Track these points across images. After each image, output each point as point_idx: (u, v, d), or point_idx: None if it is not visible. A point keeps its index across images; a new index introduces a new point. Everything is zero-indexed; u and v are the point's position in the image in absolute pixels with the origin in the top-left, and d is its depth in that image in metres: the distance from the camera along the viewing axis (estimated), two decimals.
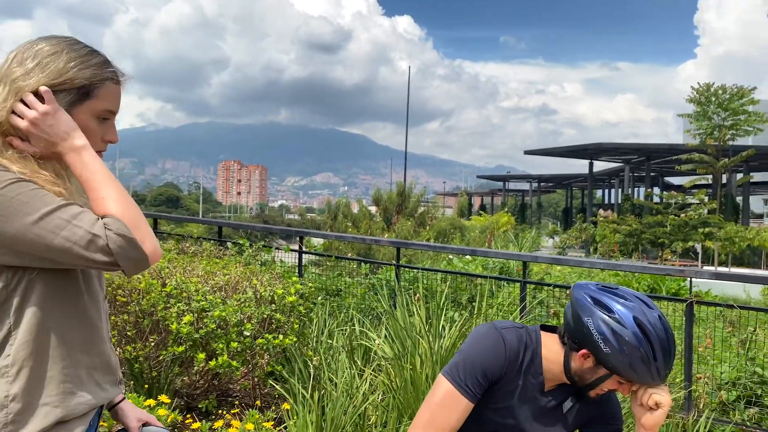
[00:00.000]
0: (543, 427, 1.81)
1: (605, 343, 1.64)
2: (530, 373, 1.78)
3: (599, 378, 1.70)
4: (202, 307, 3.56)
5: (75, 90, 1.29)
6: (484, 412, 1.78)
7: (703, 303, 4.41)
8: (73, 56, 1.30)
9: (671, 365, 1.68)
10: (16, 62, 1.29)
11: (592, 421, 1.86)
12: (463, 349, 1.78)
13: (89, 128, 1.32)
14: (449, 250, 5.79)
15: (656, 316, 1.65)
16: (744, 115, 27.46)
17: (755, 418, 4.05)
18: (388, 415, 3.61)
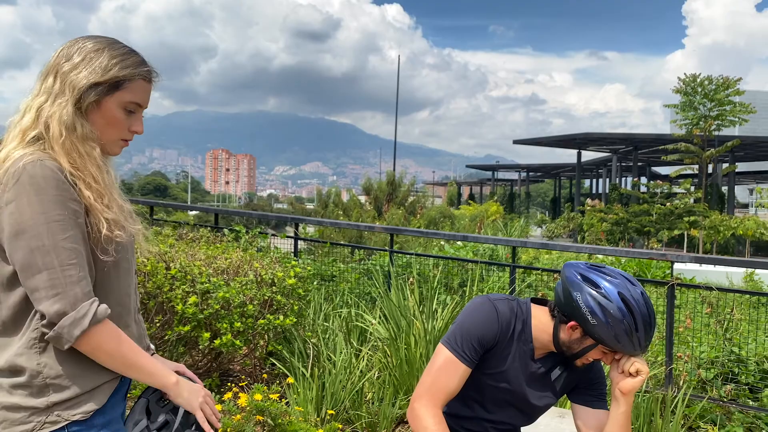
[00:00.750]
0: (533, 391, 1.99)
1: (592, 315, 1.80)
2: (521, 340, 1.94)
3: (585, 348, 1.86)
4: (206, 289, 3.71)
5: (109, 83, 1.43)
6: (480, 377, 1.95)
7: (684, 285, 4.62)
8: (113, 54, 1.44)
9: (651, 337, 1.84)
10: (63, 57, 1.42)
11: (578, 386, 2.03)
12: (459, 319, 1.94)
13: (116, 118, 1.45)
14: (441, 236, 5.96)
15: (639, 292, 1.82)
16: (729, 106, 27.78)
17: (731, 394, 4.26)
18: (384, 391, 3.78)
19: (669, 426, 3.53)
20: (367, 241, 12.32)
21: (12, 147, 1.37)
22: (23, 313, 1.36)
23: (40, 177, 1.30)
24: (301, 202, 47.06)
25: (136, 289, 1.57)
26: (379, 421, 3.61)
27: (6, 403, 1.34)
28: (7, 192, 1.31)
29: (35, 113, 1.39)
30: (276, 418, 2.82)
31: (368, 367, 4.04)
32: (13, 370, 1.35)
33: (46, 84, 1.41)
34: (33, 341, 1.35)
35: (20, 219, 1.29)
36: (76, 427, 1.34)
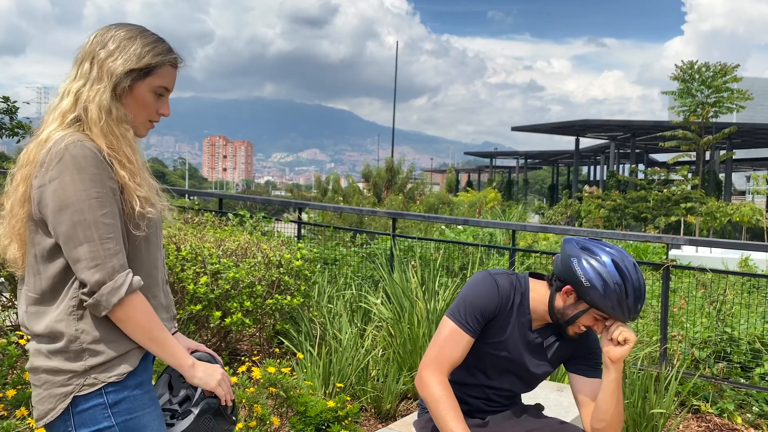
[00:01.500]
0: (531, 360, 2.12)
1: (587, 279, 1.93)
2: (520, 312, 2.08)
3: (578, 313, 1.98)
4: (217, 270, 3.83)
5: (142, 69, 1.53)
6: (481, 347, 2.08)
7: (679, 267, 4.75)
8: (145, 42, 1.54)
9: (639, 306, 1.95)
10: (98, 44, 1.53)
11: (573, 356, 2.16)
12: (462, 293, 2.08)
13: (146, 101, 1.56)
14: (443, 220, 6.08)
15: (631, 263, 1.95)
16: (727, 93, 27.83)
17: (723, 372, 4.41)
18: (388, 368, 3.92)
19: (662, 401, 3.67)
20: (367, 226, 12.44)
21: (53, 129, 1.47)
22: (61, 284, 1.46)
23: (81, 157, 1.41)
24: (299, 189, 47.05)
25: (164, 262, 1.68)
26: (383, 396, 3.74)
27: (46, 366, 1.46)
28: (51, 170, 1.41)
29: (74, 97, 1.49)
30: (288, 391, 2.95)
31: (372, 345, 4.18)
32: (52, 336, 1.46)
33: (82, 69, 1.51)
34: (72, 309, 1.45)
35: (63, 195, 1.40)
36: (112, 388, 1.45)
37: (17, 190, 1.49)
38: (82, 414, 1.44)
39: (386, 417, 3.76)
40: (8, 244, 1.55)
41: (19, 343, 3.31)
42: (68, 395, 1.43)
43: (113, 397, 1.45)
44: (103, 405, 1.44)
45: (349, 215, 11.69)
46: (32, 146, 1.49)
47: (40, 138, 1.48)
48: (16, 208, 1.50)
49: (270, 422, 2.80)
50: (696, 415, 4.23)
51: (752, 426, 4.12)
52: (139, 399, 1.48)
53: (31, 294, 1.50)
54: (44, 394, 1.46)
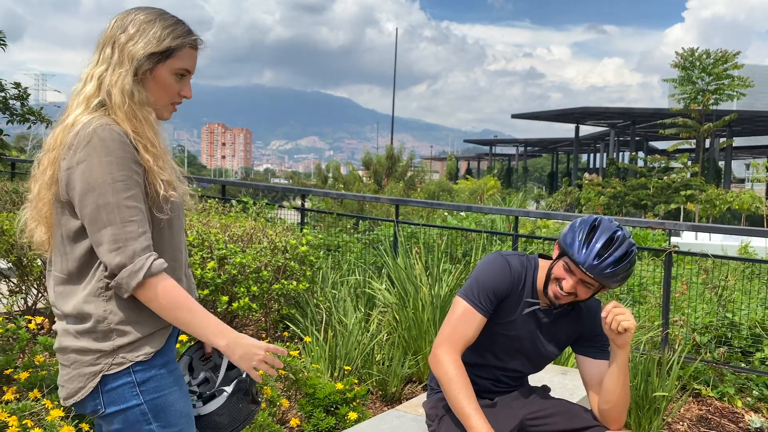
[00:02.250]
0: (539, 340, 2.16)
1: (569, 226, 2.02)
2: (529, 290, 2.12)
3: (554, 261, 2.04)
4: (224, 255, 3.86)
5: (163, 52, 1.54)
6: (492, 327, 2.12)
7: (681, 252, 4.78)
8: (165, 24, 1.55)
9: (611, 264, 1.90)
10: (118, 28, 1.54)
11: (581, 338, 2.19)
12: (475, 273, 2.11)
13: (168, 83, 1.57)
14: (446, 206, 6.11)
15: (616, 225, 1.99)
16: (727, 80, 27.79)
17: (724, 356, 4.46)
18: (393, 352, 3.96)
19: (665, 385, 3.72)
20: (368, 213, 12.46)
21: (78, 113, 1.49)
22: (87, 265, 1.49)
23: (109, 140, 1.43)
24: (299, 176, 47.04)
25: (186, 246, 1.70)
26: (389, 379, 3.79)
27: (75, 346, 1.48)
28: (79, 152, 1.43)
29: (97, 82, 1.51)
30: (297, 373, 2.99)
31: (377, 330, 4.22)
32: (80, 317, 1.48)
33: (104, 54, 1.53)
34: (100, 290, 1.48)
35: (90, 178, 1.42)
36: (140, 367, 1.48)
37: (45, 174, 1.51)
38: (111, 392, 1.47)
39: (391, 400, 3.80)
40: (35, 227, 1.57)
41: (29, 327, 3.34)
42: (97, 374, 1.46)
43: (141, 376, 1.48)
44: (132, 383, 1.47)
45: (350, 202, 11.71)
46: (58, 131, 1.51)
47: (67, 122, 1.50)
48: (43, 191, 1.52)
49: (280, 404, 2.84)
50: (697, 399, 4.29)
51: (752, 409, 4.18)
52: (165, 378, 1.51)
53: (58, 275, 1.53)
54: (73, 374, 1.49)
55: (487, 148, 68.17)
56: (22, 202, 6.22)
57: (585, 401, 3.08)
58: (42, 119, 6.99)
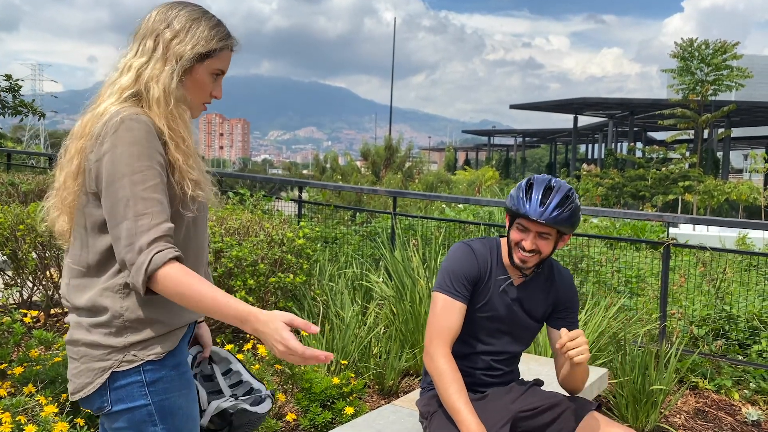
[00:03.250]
0: (517, 315, 2.20)
1: (510, 194, 2.12)
2: (497, 269, 2.18)
3: (509, 229, 2.12)
4: (220, 248, 3.84)
5: (208, 52, 1.53)
6: (472, 314, 2.17)
7: (679, 245, 4.77)
8: (210, 24, 1.53)
9: (556, 207, 2.00)
10: (161, 22, 1.51)
11: (555, 309, 2.24)
12: (443, 266, 2.17)
13: (204, 83, 1.55)
14: (444, 198, 6.08)
15: (549, 176, 2.09)
16: (726, 71, 27.70)
17: (721, 349, 4.46)
18: (390, 345, 3.95)
19: (662, 378, 3.72)
20: (366, 205, 12.45)
21: (110, 103, 1.46)
22: (108, 259, 1.45)
23: (137, 129, 1.40)
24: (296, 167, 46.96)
25: (208, 245, 1.67)
26: (386, 373, 3.78)
27: (86, 340, 1.45)
28: (106, 143, 1.40)
29: (135, 73, 1.48)
30: (293, 367, 2.98)
31: (375, 323, 4.21)
32: (95, 310, 1.45)
33: (144, 47, 1.49)
34: (118, 287, 1.44)
35: (112, 170, 1.39)
36: (150, 366, 1.45)
37: (71, 163, 1.48)
38: (119, 390, 1.44)
39: (389, 393, 3.80)
40: (57, 216, 1.53)
41: (24, 321, 3.32)
42: (107, 370, 1.44)
43: (151, 376, 1.45)
44: (141, 383, 1.45)
45: (348, 193, 11.68)
46: (87, 118, 1.48)
47: (97, 111, 1.47)
48: (69, 180, 1.49)
49: (276, 398, 2.83)
50: (694, 392, 4.29)
51: (749, 402, 4.18)
52: (175, 380, 1.49)
53: (75, 267, 1.50)
54: (82, 368, 1.46)
55: (486, 139, 68.08)
56: (18, 194, 6.21)
57: (581, 396, 3.08)
58: (34, 111, 6.92)
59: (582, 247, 5.69)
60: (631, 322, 4.38)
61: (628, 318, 4.45)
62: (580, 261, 5.58)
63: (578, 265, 5.55)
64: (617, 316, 4.31)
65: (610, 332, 4.09)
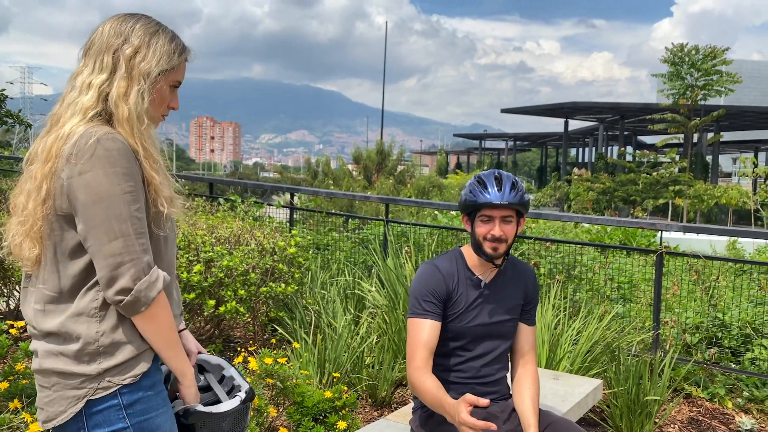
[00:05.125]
0: (493, 313, 2.23)
1: (463, 195, 2.22)
2: (466, 276, 2.22)
3: (471, 229, 2.19)
4: (210, 258, 3.79)
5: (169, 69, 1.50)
6: (454, 327, 2.20)
7: (672, 253, 4.76)
8: (168, 38, 1.51)
9: (510, 189, 2.12)
10: (116, 36, 1.46)
11: (524, 305, 2.31)
12: (411, 289, 2.22)
13: (164, 96, 1.53)
14: (436, 205, 6.06)
15: (494, 170, 2.21)
16: (716, 76, 27.91)
17: (715, 357, 4.45)
18: (383, 356, 3.91)
19: (657, 387, 3.70)
20: (358, 210, 12.41)
21: (75, 123, 1.42)
22: (81, 283, 1.42)
23: (114, 150, 1.37)
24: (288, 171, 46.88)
25: (176, 260, 1.66)
26: (378, 384, 3.74)
27: (57, 369, 1.41)
28: (81, 163, 1.36)
29: (97, 92, 1.44)
30: (285, 381, 2.93)
31: (367, 332, 4.16)
32: (66, 336, 1.41)
33: (102, 63, 1.45)
34: (94, 310, 1.41)
35: (97, 189, 1.35)
36: (127, 389, 1.42)
37: (40, 190, 1.43)
38: (95, 415, 1.41)
39: (381, 404, 3.76)
40: (20, 242, 1.48)
41: (10, 333, 3.26)
42: (81, 398, 1.40)
43: (128, 398, 1.42)
44: (118, 406, 1.41)
45: (340, 198, 11.64)
46: (51, 141, 1.43)
47: (62, 132, 1.42)
48: (37, 207, 1.44)
49: (267, 413, 2.78)
50: (687, 400, 4.27)
51: (742, 410, 4.17)
52: (152, 399, 1.46)
53: (47, 292, 1.46)
54: (54, 396, 1.42)
55: (477, 143, 68.23)
56: (6, 201, 6.07)
57: (577, 408, 3.05)
58: (20, 122, 6.83)
59: (574, 254, 5.67)
60: (625, 331, 4.36)
61: (621, 327, 4.43)
62: (573, 268, 5.56)
63: (571, 273, 5.53)
64: (610, 325, 4.29)
65: (604, 342, 4.07)
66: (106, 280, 1.37)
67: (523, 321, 2.31)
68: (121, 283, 1.36)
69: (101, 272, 1.37)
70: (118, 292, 1.37)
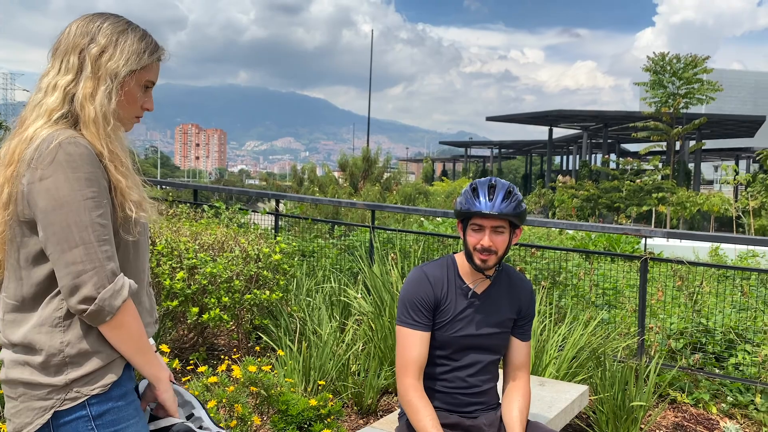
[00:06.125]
0: (483, 323, 2.19)
1: (457, 203, 2.16)
2: (456, 285, 2.18)
3: (463, 236, 2.15)
4: (193, 265, 3.74)
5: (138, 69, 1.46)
6: (442, 334, 2.16)
7: (657, 259, 4.78)
8: (137, 37, 1.46)
9: (503, 199, 2.08)
10: (82, 35, 1.42)
11: (517, 319, 2.26)
12: (401, 295, 2.19)
13: (135, 96, 1.48)
14: (422, 212, 6.05)
15: (489, 178, 2.15)
16: (697, 84, 28.29)
17: (699, 362, 4.47)
18: (369, 363, 3.88)
19: (642, 393, 3.70)
20: (343, 217, 12.38)
21: (39, 126, 1.38)
22: (45, 291, 1.38)
23: (77, 155, 1.33)
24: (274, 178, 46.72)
25: (149, 264, 1.61)
26: (364, 391, 3.71)
27: (23, 379, 1.37)
28: (42, 168, 1.32)
29: (62, 93, 1.40)
30: (269, 389, 2.90)
31: (353, 340, 4.13)
32: (30, 347, 1.37)
33: (68, 63, 1.41)
34: (57, 320, 1.36)
35: (57, 195, 1.31)
36: (95, 400, 1.38)
37: (1, 194, 1.39)
38: (63, 427, 1.37)
39: (367, 412, 3.72)
40: None
41: None
42: (48, 409, 1.35)
43: (97, 409, 1.38)
44: (86, 417, 1.37)
45: (326, 205, 11.60)
46: (15, 144, 1.39)
47: (25, 136, 1.38)
48: None
49: (251, 422, 2.74)
50: (672, 406, 4.28)
51: (726, 416, 4.19)
52: (123, 410, 1.42)
53: (9, 300, 1.42)
54: (21, 407, 1.38)
55: (463, 150, 68.54)
56: None
57: (563, 414, 3.04)
58: (2, 127, 6.76)
59: (559, 260, 5.69)
60: (610, 337, 4.37)
61: (606, 333, 4.44)
62: (558, 274, 5.57)
63: (556, 279, 5.54)
64: (596, 331, 4.29)
65: (589, 348, 4.07)
66: (68, 289, 1.33)
67: (516, 335, 2.25)
68: (83, 291, 1.32)
69: (62, 281, 1.33)
70: (81, 301, 1.32)
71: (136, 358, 1.43)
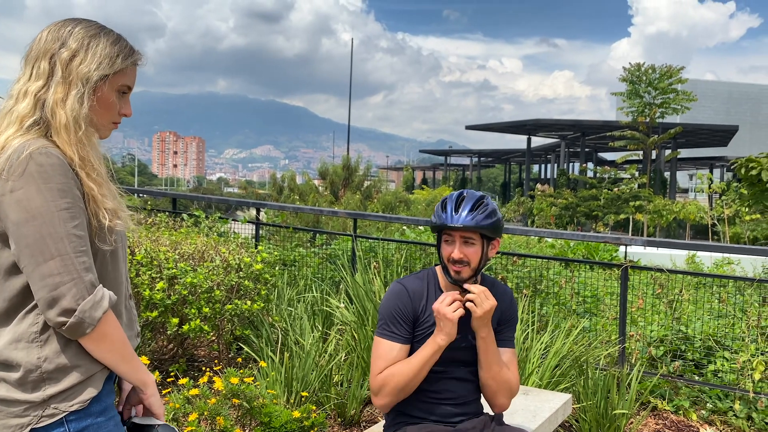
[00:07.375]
0: (464, 335, 2.16)
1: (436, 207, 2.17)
2: (436, 296, 2.16)
3: (438, 249, 2.17)
4: (173, 275, 3.68)
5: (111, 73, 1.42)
6: (415, 347, 2.14)
7: (637, 267, 4.83)
8: (110, 41, 1.42)
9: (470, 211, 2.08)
10: (54, 41, 1.39)
11: (497, 327, 2.23)
12: (380, 308, 2.18)
13: (110, 101, 1.44)
14: (404, 220, 6.04)
15: (460, 191, 2.18)
16: (672, 94, 28.80)
17: (679, 370, 4.51)
18: (352, 373, 3.85)
19: (624, 401, 3.72)
20: (324, 225, 12.32)
21: (10, 134, 1.34)
22: (19, 305, 1.34)
23: (48, 165, 1.29)
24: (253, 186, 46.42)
25: (128, 275, 1.57)
26: (347, 402, 3.67)
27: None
28: (13, 180, 1.28)
29: (33, 99, 1.37)
30: (251, 401, 2.85)
31: (336, 350, 4.10)
32: (6, 364, 1.33)
33: (39, 69, 1.38)
34: (33, 335, 1.33)
35: (29, 206, 1.28)
36: (74, 416, 1.34)
37: None
38: None
39: (350, 423, 3.69)
40: None
41: None
42: (24, 427, 1.31)
43: (76, 426, 1.34)
44: None
45: (307, 214, 11.54)
46: None
47: None
48: None
49: None
50: (653, 413, 4.31)
51: (706, 422, 4.23)
52: (103, 426, 1.38)
53: None
54: None
55: (443, 159, 68.87)
56: None
57: (547, 423, 3.04)
58: None
59: (540, 268, 5.71)
60: (592, 346, 4.39)
61: (588, 341, 4.46)
62: (539, 283, 5.59)
63: (537, 287, 5.56)
64: (578, 340, 4.31)
65: (572, 356, 4.08)
66: (46, 302, 1.28)
67: (500, 343, 2.22)
68: (62, 304, 1.28)
69: (39, 294, 1.29)
70: (60, 314, 1.28)
71: (121, 367, 1.40)
